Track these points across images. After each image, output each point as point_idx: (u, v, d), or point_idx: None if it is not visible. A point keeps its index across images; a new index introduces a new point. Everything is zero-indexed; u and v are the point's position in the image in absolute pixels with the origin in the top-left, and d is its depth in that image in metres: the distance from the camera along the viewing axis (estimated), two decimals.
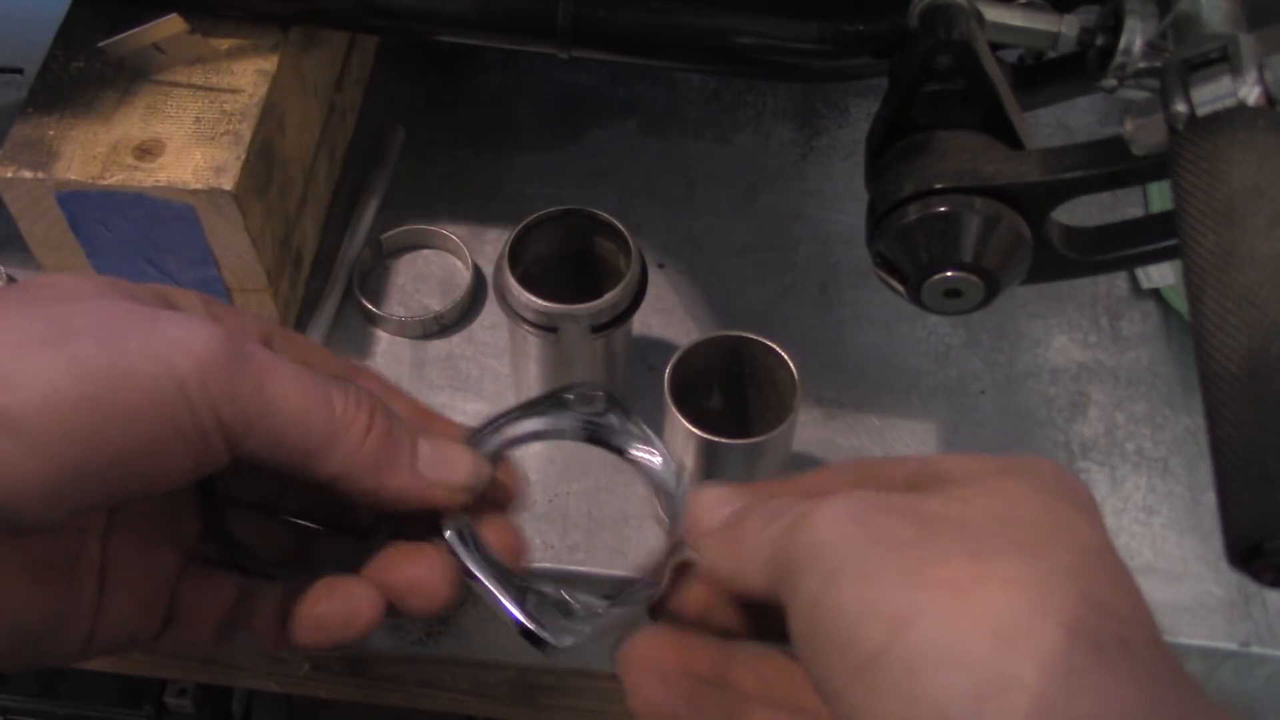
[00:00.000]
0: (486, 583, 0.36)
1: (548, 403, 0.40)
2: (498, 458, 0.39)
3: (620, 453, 0.41)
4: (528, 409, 0.40)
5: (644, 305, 0.55)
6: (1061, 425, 0.64)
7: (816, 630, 0.29)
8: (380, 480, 0.35)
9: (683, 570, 0.37)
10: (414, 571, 0.36)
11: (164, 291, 0.35)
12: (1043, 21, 0.49)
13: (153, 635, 0.36)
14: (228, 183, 0.53)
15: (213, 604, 0.37)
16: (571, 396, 0.40)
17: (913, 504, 0.30)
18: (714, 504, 0.36)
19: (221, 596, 0.37)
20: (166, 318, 0.32)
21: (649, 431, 0.40)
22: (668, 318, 0.66)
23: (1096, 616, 0.26)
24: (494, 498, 0.39)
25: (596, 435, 0.41)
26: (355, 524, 0.40)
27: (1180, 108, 0.39)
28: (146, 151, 0.54)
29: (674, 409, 0.52)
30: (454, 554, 0.36)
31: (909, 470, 0.34)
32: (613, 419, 0.40)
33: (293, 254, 0.62)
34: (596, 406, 0.40)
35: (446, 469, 0.36)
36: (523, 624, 0.35)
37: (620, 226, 0.55)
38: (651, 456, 0.40)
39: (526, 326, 0.54)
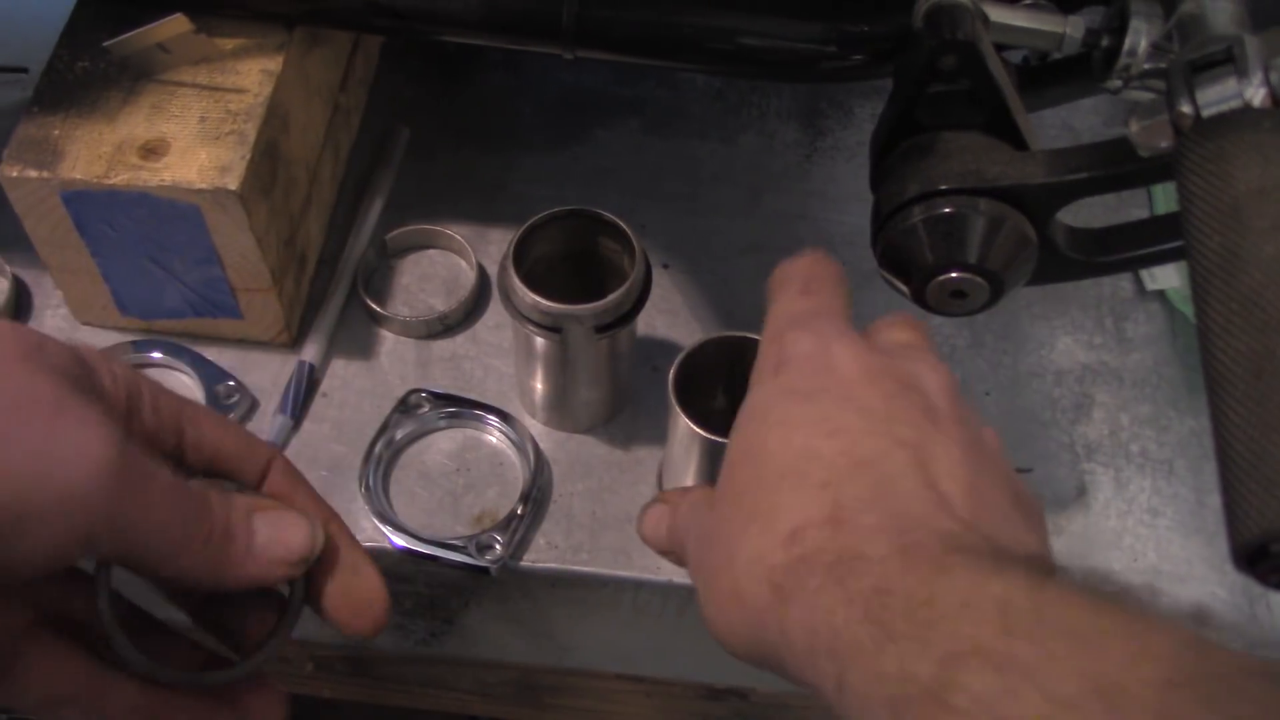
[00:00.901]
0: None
1: None
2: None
3: None
4: None
5: (648, 306, 0.55)
6: (1066, 427, 0.64)
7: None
8: (219, 577, 0.36)
9: None
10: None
11: (86, 362, 0.35)
12: (1048, 22, 0.49)
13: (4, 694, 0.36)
14: (233, 182, 0.53)
15: (54, 676, 0.36)
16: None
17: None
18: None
19: (67, 672, 0.36)
20: (70, 418, 0.32)
21: None
22: (672, 318, 0.66)
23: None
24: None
25: None
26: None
27: (1185, 109, 0.39)
28: (151, 151, 0.54)
29: (677, 409, 0.51)
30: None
31: None
32: None
33: (297, 254, 0.62)
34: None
35: (282, 548, 0.37)
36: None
37: (624, 227, 0.55)
38: None
39: (531, 327, 0.54)
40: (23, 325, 0.34)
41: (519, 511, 0.57)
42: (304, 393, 0.61)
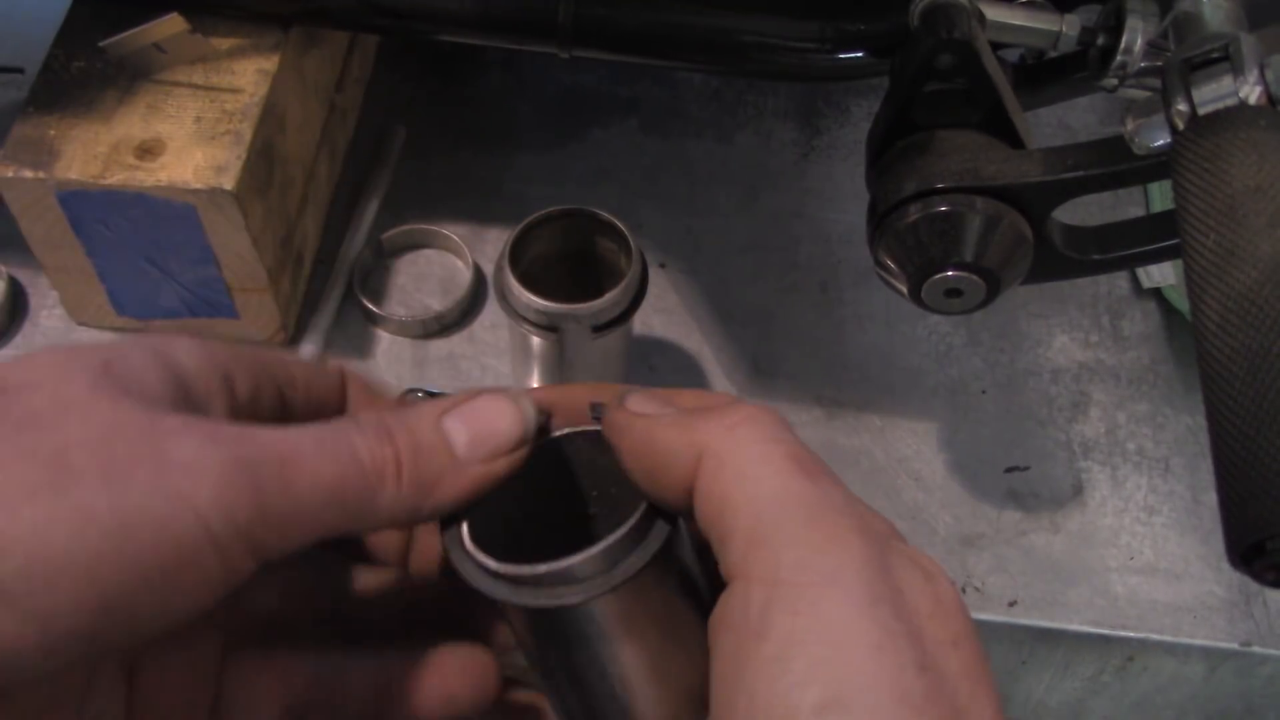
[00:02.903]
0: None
1: None
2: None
3: None
4: None
5: (645, 305, 0.55)
6: (1063, 425, 0.64)
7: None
8: (431, 501, 0.30)
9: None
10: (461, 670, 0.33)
11: (161, 359, 0.30)
12: (1044, 21, 0.49)
13: None
14: (228, 182, 0.53)
15: (275, 690, 0.32)
16: None
17: (921, 629, 0.27)
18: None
19: (287, 681, 0.33)
20: (174, 438, 0.27)
21: None
22: (668, 318, 0.66)
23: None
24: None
25: None
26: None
27: (1182, 107, 0.39)
28: (147, 151, 0.54)
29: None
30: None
31: None
32: None
33: (293, 254, 0.62)
34: None
35: (490, 441, 0.31)
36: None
37: (621, 226, 0.55)
38: None
39: (527, 326, 0.54)
40: (77, 348, 0.29)
41: None
42: None
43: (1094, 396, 0.65)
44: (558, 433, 0.33)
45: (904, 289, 0.48)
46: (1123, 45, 0.47)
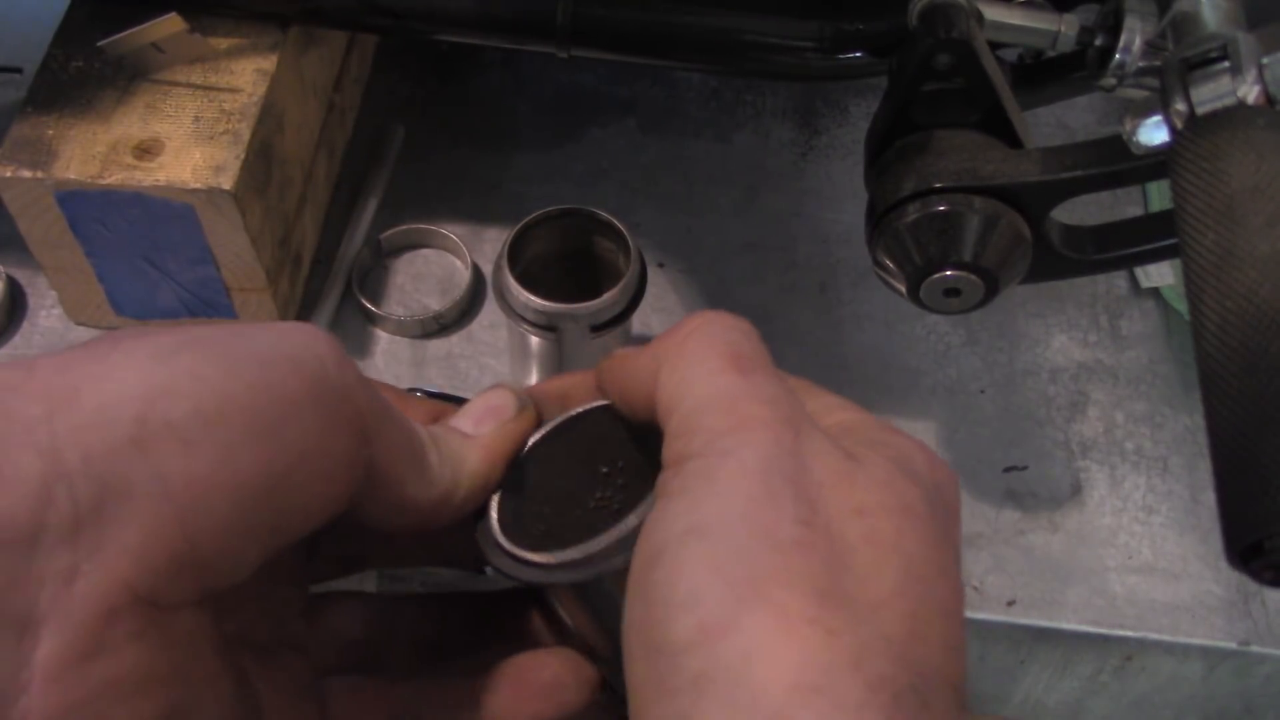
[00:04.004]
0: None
1: None
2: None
3: None
4: None
5: (643, 305, 0.55)
6: (1061, 424, 0.64)
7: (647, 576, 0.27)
8: (465, 476, 0.32)
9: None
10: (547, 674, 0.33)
11: None
12: (1042, 20, 0.49)
13: None
14: (227, 182, 0.53)
15: (378, 711, 0.33)
16: None
17: (817, 496, 0.27)
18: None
19: (385, 704, 0.33)
20: (283, 327, 0.29)
21: None
22: (667, 317, 0.66)
23: (907, 677, 0.25)
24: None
25: None
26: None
27: (1180, 107, 0.39)
28: (146, 151, 0.54)
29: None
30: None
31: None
32: None
33: (292, 253, 0.62)
34: None
35: (492, 415, 0.34)
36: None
37: (620, 226, 0.55)
38: None
39: (526, 326, 0.54)
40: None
41: None
42: None
43: (1092, 396, 0.65)
44: (570, 412, 0.35)
45: (902, 289, 0.48)
46: (1121, 45, 0.47)
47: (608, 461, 0.35)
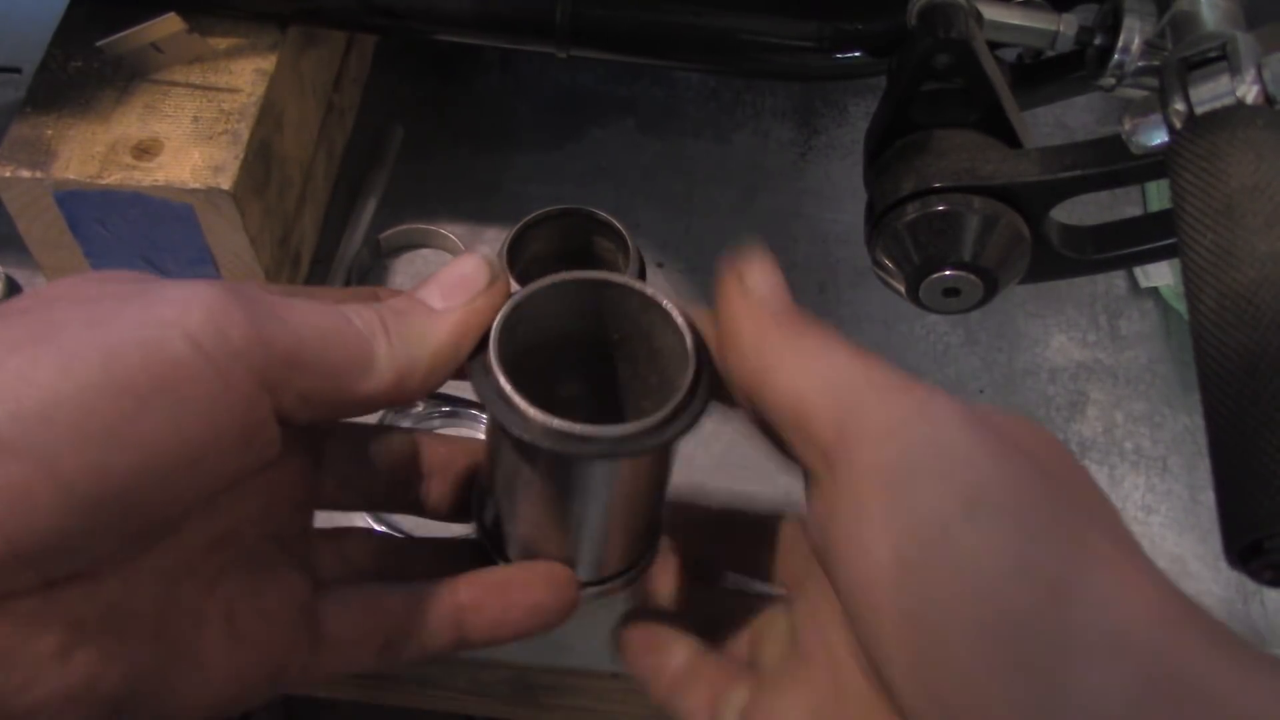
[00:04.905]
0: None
1: None
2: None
3: None
4: None
5: None
6: (1060, 424, 0.64)
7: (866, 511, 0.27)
8: (426, 352, 0.31)
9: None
10: (534, 595, 0.35)
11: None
12: (1041, 20, 0.49)
13: (299, 669, 0.33)
14: (226, 182, 0.53)
15: (372, 623, 0.34)
16: None
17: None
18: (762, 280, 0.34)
19: (382, 614, 0.34)
20: (159, 285, 0.28)
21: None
22: None
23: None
24: None
25: None
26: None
27: (1179, 106, 0.39)
28: (145, 151, 0.54)
29: (506, 385, 0.32)
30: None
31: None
32: None
33: (291, 253, 0.62)
34: None
35: (461, 286, 0.32)
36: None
37: (619, 225, 0.55)
38: None
39: None
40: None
41: None
42: None
43: (1091, 396, 0.65)
44: (576, 275, 0.34)
45: (902, 288, 0.48)
46: (1120, 44, 0.47)
47: (613, 328, 0.35)
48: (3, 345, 0.25)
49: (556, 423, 0.30)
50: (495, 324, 0.32)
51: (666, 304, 0.34)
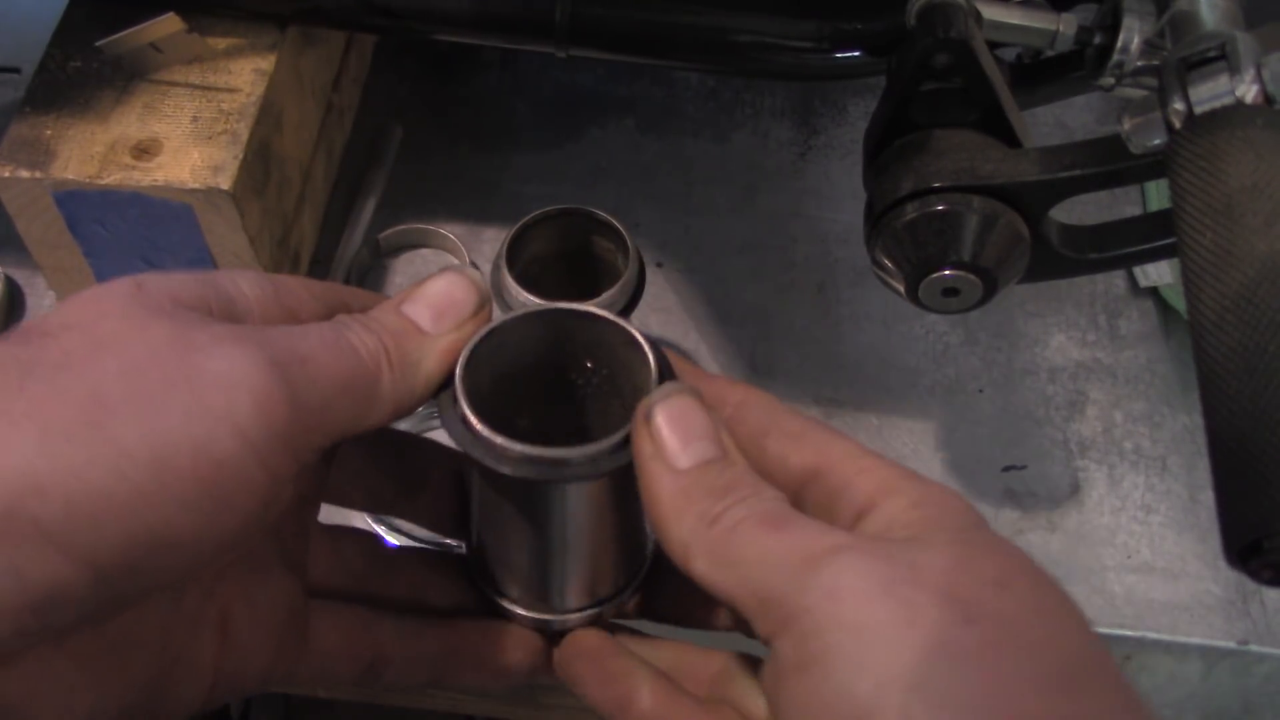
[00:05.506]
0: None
1: None
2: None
3: None
4: None
5: (642, 304, 0.55)
6: (1060, 424, 0.64)
7: (808, 689, 0.27)
8: (421, 379, 0.32)
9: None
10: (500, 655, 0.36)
11: (212, 282, 0.31)
12: (1040, 20, 0.49)
13: (285, 673, 0.34)
14: (225, 182, 0.53)
15: (360, 647, 0.35)
16: None
17: (948, 588, 0.27)
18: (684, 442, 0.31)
19: (370, 640, 0.35)
20: (207, 352, 0.28)
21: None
22: (666, 317, 0.66)
23: None
24: None
25: None
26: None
27: (1178, 106, 0.39)
28: (144, 151, 0.54)
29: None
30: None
31: (804, 463, 0.32)
32: None
33: (290, 253, 0.62)
34: None
35: (452, 311, 0.33)
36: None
37: (618, 225, 0.55)
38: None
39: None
40: (111, 281, 0.30)
41: None
42: None
43: (1091, 395, 0.65)
44: (549, 305, 0.35)
45: (901, 288, 0.48)
46: (1119, 44, 0.47)
47: (585, 356, 0.36)
48: (56, 430, 0.25)
49: (518, 448, 0.30)
50: (461, 358, 0.33)
51: (635, 333, 0.34)
